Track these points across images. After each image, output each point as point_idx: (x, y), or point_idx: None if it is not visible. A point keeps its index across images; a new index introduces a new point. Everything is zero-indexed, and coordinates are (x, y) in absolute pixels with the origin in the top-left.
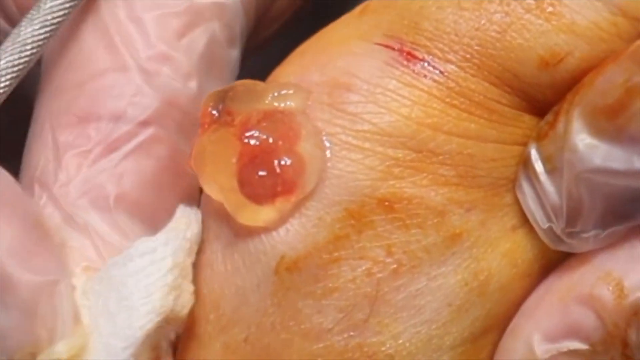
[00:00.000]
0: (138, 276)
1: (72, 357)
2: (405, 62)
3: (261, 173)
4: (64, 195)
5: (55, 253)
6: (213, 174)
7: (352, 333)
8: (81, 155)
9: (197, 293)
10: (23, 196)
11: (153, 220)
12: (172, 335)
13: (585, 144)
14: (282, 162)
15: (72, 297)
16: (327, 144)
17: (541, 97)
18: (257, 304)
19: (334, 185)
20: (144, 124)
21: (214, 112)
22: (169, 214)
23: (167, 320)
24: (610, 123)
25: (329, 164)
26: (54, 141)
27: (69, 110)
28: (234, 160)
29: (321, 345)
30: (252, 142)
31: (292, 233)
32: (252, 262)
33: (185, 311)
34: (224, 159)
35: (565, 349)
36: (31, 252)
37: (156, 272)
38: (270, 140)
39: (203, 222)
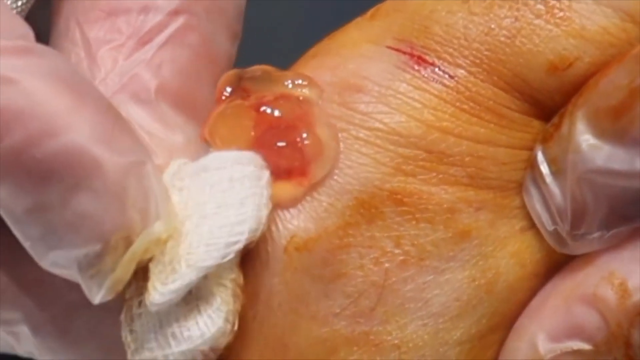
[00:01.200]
0: (251, 182)
1: (170, 237)
2: (415, 66)
3: (280, 144)
4: (103, 91)
5: (134, 134)
6: (228, 142)
7: (358, 320)
8: (115, 49)
9: None
10: (88, 79)
11: (193, 110)
12: None
13: (589, 144)
14: (304, 136)
15: (161, 178)
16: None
17: (550, 103)
18: (265, 281)
19: (346, 175)
20: (174, 13)
21: (229, 89)
22: (206, 102)
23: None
24: (613, 124)
25: (341, 156)
26: (83, 38)
27: (95, 6)
28: (250, 128)
29: (327, 329)
30: (269, 111)
31: (304, 214)
32: (263, 236)
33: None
34: (239, 128)
35: (568, 349)
36: (113, 133)
37: (263, 190)
38: (287, 116)
39: None
